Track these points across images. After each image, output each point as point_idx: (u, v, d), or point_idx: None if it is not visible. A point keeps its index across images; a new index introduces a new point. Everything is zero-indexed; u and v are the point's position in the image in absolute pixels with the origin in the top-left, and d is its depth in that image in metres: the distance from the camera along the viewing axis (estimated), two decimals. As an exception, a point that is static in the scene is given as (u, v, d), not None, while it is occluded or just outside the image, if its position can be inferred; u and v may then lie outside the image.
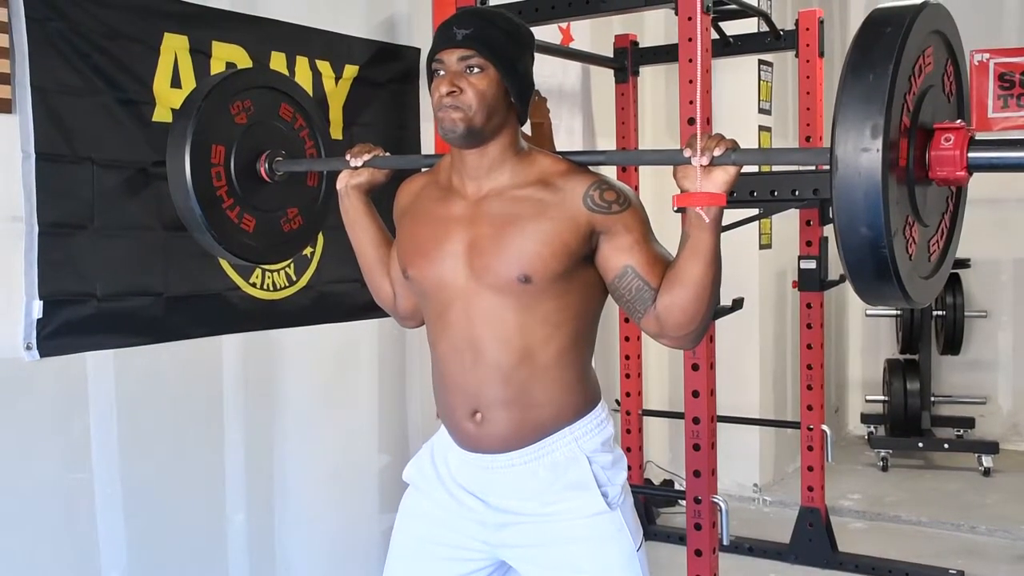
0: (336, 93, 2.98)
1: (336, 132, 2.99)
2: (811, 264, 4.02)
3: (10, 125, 2.14)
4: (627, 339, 4.31)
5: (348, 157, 1.93)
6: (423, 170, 1.90)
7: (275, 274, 2.78)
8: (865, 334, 6.30)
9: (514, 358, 1.69)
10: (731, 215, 3.05)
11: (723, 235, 2.95)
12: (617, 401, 4.40)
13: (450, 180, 1.76)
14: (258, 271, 2.72)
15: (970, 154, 1.29)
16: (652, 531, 4.19)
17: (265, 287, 2.75)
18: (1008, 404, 5.86)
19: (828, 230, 4.04)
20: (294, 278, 2.84)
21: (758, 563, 4.00)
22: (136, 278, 2.38)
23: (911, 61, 1.26)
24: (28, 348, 2.16)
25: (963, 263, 5.57)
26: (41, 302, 2.16)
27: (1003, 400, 5.87)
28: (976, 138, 1.30)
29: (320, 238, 2.93)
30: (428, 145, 3.27)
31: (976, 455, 5.28)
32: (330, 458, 3.05)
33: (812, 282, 4.02)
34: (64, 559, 2.30)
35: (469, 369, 1.72)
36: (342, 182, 1.95)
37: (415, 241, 1.79)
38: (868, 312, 6.02)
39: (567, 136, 4.26)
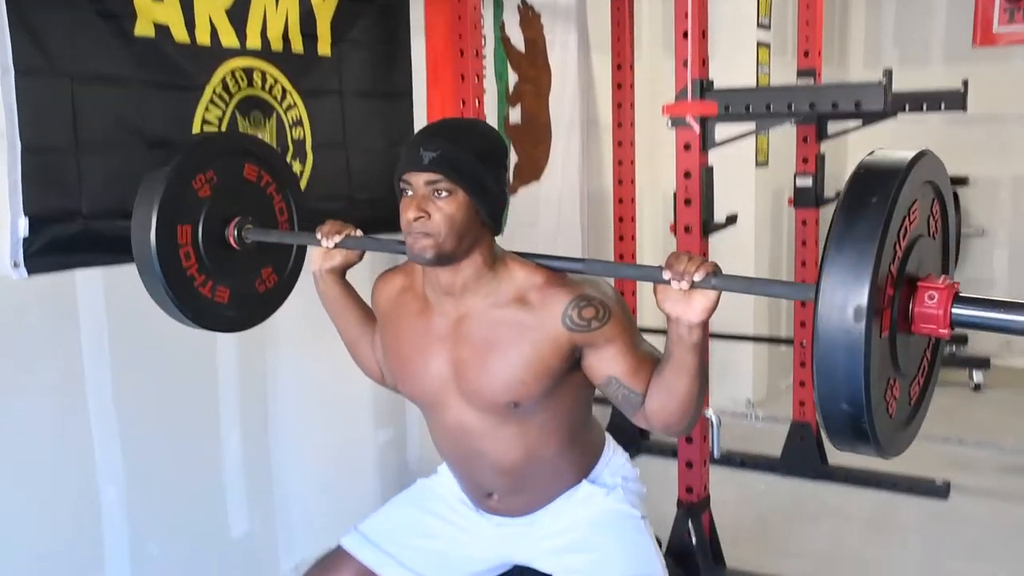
0: (324, 7, 2.92)
1: (324, 48, 2.94)
2: (807, 181, 4.00)
3: (-13, 39, 2.10)
4: (621, 257, 4.31)
5: (319, 236, 1.89)
6: (399, 262, 1.86)
7: (264, 192, 2.75)
8: (861, 252, 6.29)
9: (515, 461, 1.77)
10: (727, 131, 3.04)
11: (720, 153, 2.96)
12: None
13: (426, 293, 1.75)
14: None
15: (954, 311, 1.25)
16: (645, 446, 4.26)
17: (254, 205, 2.73)
18: (1002, 321, 5.88)
19: (825, 147, 4.01)
20: (284, 196, 2.82)
21: (749, 476, 4.07)
22: (121, 196, 2.34)
23: (898, 226, 1.22)
24: (15, 266, 2.15)
25: (961, 180, 5.53)
26: (27, 219, 2.14)
27: (997, 317, 5.89)
28: (960, 295, 1.26)
29: (309, 156, 2.91)
30: (419, 61, 3.21)
31: (967, 370, 5.33)
32: (323, 375, 3.07)
33: (808, 199, 4.01)
34: (62, 476, 2.33)
35: (474, 467, 1.84)
36: (315, 265, 1.94)
37: (400, 360, 1.82)
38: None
39: (561, 51, 4.20)
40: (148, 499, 2.52)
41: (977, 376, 5.29)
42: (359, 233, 1.89)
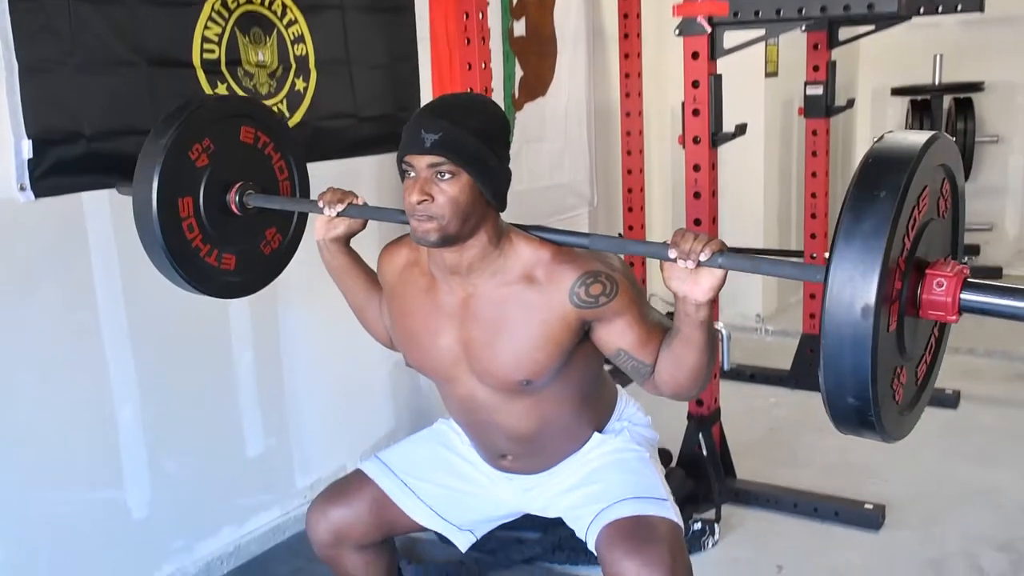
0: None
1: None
2: (818, 90, 3.94)
3: (-22, -42, 2.06)
4: (629, 172, 4.27)
5: (321, 204, 1.86)
6: (404, 235, 1.83)
7: (268, 110, 2.72)
8: (872, 163, 6.21)
9: (529, 430, 1.80)
10: (735, 39, 2.97)
11: (729, 62, 2.89)
12: (620, 235, 4.40)
13: (431, 270, 1.73)
14: (250, 107, 2.66)
15: (963, 297, 1.22)
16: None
17: (258, 124, 2.69)
18: (1015, 230, 5.84)
19: (836, 54, 3.93)
20: (287, 114, 2.79)
21: (759, 388, 4.10)
22: (123, 116, 2.33)
23: (907, 218, 1.19)
24: (22, 189, 2.14)
25: (976, 86, 5.43)
26: (30, 141, 2.12)
27: (1010, 226, 5.85)
28: (969, 280, 1.23)
29: (312, 73, 2.86)
30: (422, 18, 3.12)
31: (980, 281, 5.30)
32: (334, 294, 3.07)
33: (818, 108, 3.95)
34: (78, 397, 2.35)
35: (488, 434, 1.86)
36: (319, 235, 1.92)
37: (409, 335, 1.81)
38: (875, 139, 5.93)
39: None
40: (164, 418, 2.55)
41: (988, 286, 5.26)
42: (361, 201, 1.88)
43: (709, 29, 2.81)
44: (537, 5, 3.95)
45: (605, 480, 1.83)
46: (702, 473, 3.00)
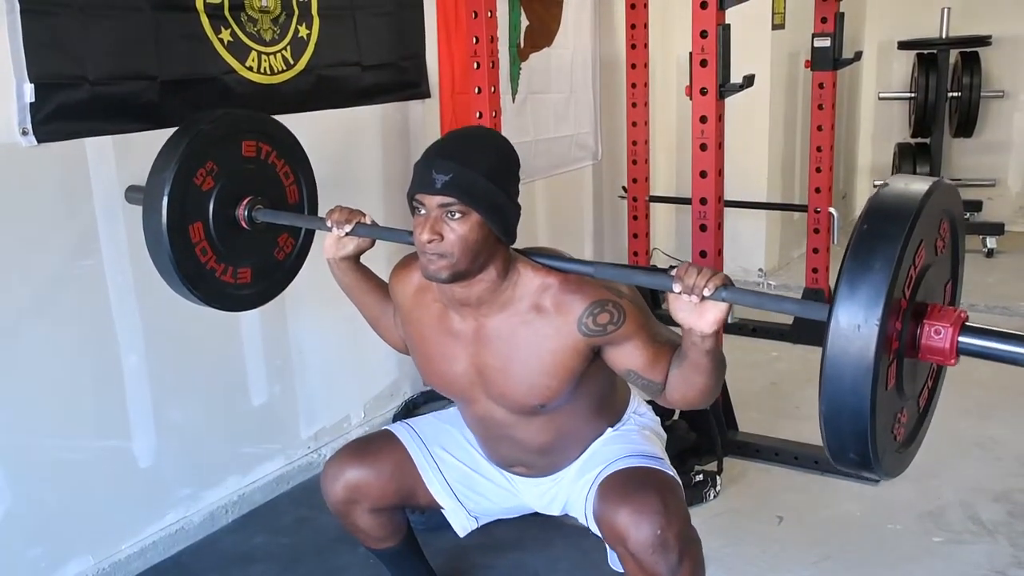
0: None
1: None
2: (825, 42, 3.90)
3: None
4: (634, 124, 4.24)
5: (330, 223, 1.87)
6: (414, 255, 1.80)
7: (271, 57, 2.69)
8: (877, 117, 6.19)
9: (544, 443, 1.84)
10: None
11: (736, 15, 2.86)
12: (624, 188, 4.38)
13: (442, 301, 1.75)
14: (254, 54, 2.63)
15: (961, 340, 1.23)
16: (657, 315, 4.26)
17: (262, 70, 2.66)
18: (1018, 185, 5.83)
19: (844, 6, 3.88)
20: (291, 61, 2.76)
21: (761, 343, 4.11)
22: (127, 60, 2.30)
23: (911, 258, 1.19)
24: (24, 134, 2.11)
25: (983, 40, 5.38)
26: (32, 85, 2.09)
27: (1013, 182, 5.84)
28: (967, 325, 1.23)
29: (315, 19, 2.82)
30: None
31: (981, 237, 5.30)
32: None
33: (825, 61, 3.91)
34: (84, 345, 2.35)
35: (503, 448, 1.90)
36: (329, 253, 1.92)
37: (424, 357, 1.83)
38: (881, 95, 5.90)
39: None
40: (169, 367, 2.55)
41: (991, 242, 5.27)
42: (369, 219, 1.88)
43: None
44: (543, -47, 3.89)
45: (601, 452, 1.87)
46: (704, 425, 3.01)
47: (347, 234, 1.87)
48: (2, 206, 2.13)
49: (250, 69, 2.63)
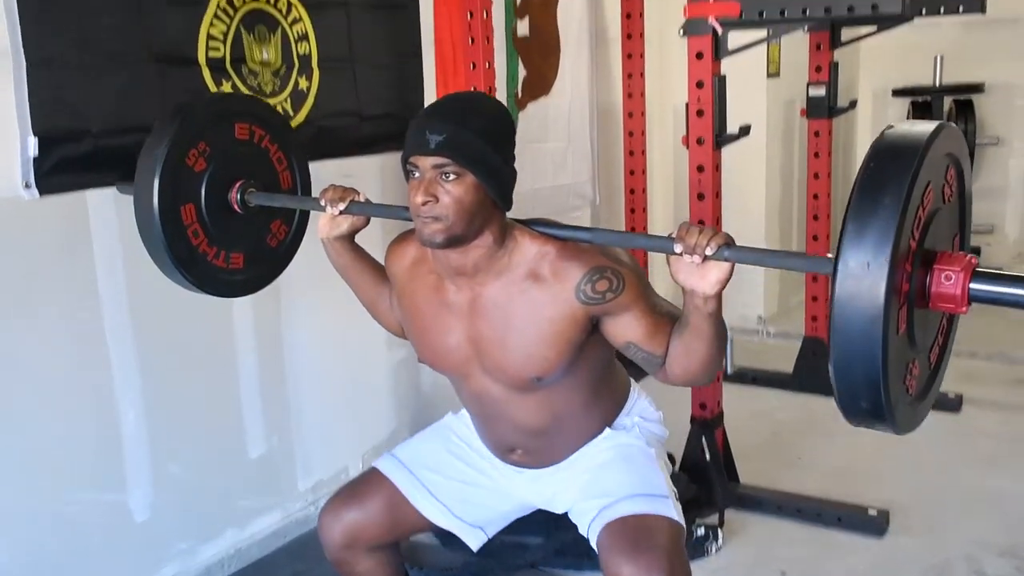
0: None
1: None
2: (820, 91, 3.93)
3: (-14, -47, 2.04)
4: (632, 172, 4.26)
5: (323, 202, 1.85)
6: (411, 231, 1.79)
7: (272, 109, 2.70)
8: (873, 164, 6.20)
9: (540, 424, 1.80)
10: (737, 39, 2.96)
11: (731, 64, 2.88)
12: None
13: (437, 271, 1.73)
14: (255, 106, 2.64)
15: (971, 287, 1.21)
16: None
17: (263, 123, 2.67)
18: (1015, 232, 5.84)
19: (838, 55, 3.92)
20: (291, 113, 2.77)
21: (761, 391, 4.09)
22: (131, 113, 2.31)
23: (913, 215, 1.17)
24: (27, 186, 2.12)
25: (976, 88, 5.43)
26: (36, 139, 2.10)
27: (1010, 228, 5.85)
28: (977, 271, 1.22)
29: (315, 72, 2.84)
30: (426, 16, 3.10)
31: (980, 284, 5.30)
32: (338, 289, 3.04)
33: (821, 109, 3.94)
34: (82, 398, 2.34)
35: (499, 429, 1.86)
36: (323, 233, 1.90)
37: (419, 332, 1.81)
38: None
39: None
40: (167, 419, 2.52)
41: (989, 288, 5.26)
42: (363, 197, 1.86)
43: (721, 30, 2.80)
44: (541, 5, 3.94)
45: (609, 476, 1.82)
46: (705, 478, 2.99)
47: (341, 213, 1.85)
48: (1, 259, 2.13)
49: (251, 121, 2.64)
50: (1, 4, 2.05)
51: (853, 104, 4.21)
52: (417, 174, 1.57)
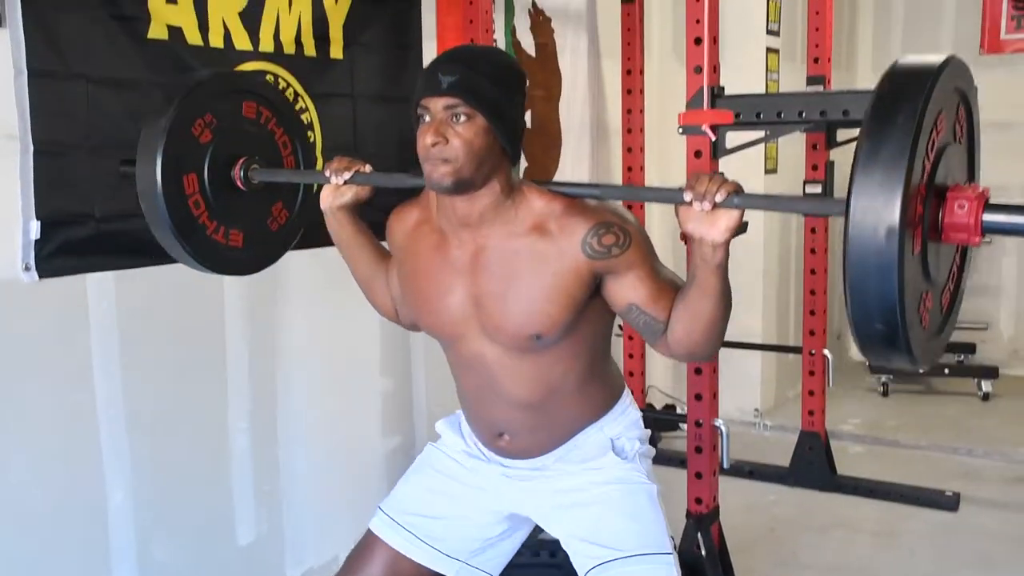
0: (336, 11, 2.91)
1: (336, 51, 2.93)
2: (817, 189, 3.98)
3: (1, 40, 2.09)
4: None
5: (328, 172, 1.86)
6: (413, 197, 1.83)
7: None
8: (869, 260, 6.27)
9: (535, 396, 1.75)
10: (736, 138, 3.02)
11: (729, 159, 2.94)
12: (619, 326, 4.40)
13: (441, 224, 1.72)
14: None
15: (985, 218, 1.23)
16: (654, 455, 4.22)
17: (265, 209, 2.71)
18: (1010, 330, 5.87)
19: (834, 154, 3.99)
20: (294, 200, 2.81)
21: (758, 486, 4.05)
22: (135, 198, 2.33)
23: (926, 139, 1.20)
24: (27, 269, 2.14)
25: (970, 188, 5.51)
26: (39, 222, 2.13)
27: (1005, 326, 5.88)
28: (990, 202, 1.25)
29: (320, 160, 2.89)
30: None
31: (976, 380, 5.31)
32: (334, 379, 3.06)
33: (817, 207, 3.98)
34: (70, 480, 2.31)
35: (490, 403, 1.80)
36: (325, 203, 1.89)
37: (419, 295, 1.79)
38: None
39: (572, 56, 4.18)
40: (155, 504, 2.50)
41: (986, 385, 5.27)
42: (369, 169, 1.86)
43: (714, 137, 2.86)
44: (543, 99, 4.02)
45: (612, 524, 1.76)
46: (701, 573, 2.94)
47: (345, 182, 1.83)
48: (-1, 340, 2.14)
49: (254, 205, 2.67)
50: (12, 90, 2.10)
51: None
52: (427, 118, 1.57)
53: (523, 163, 3.88)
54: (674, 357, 1.68)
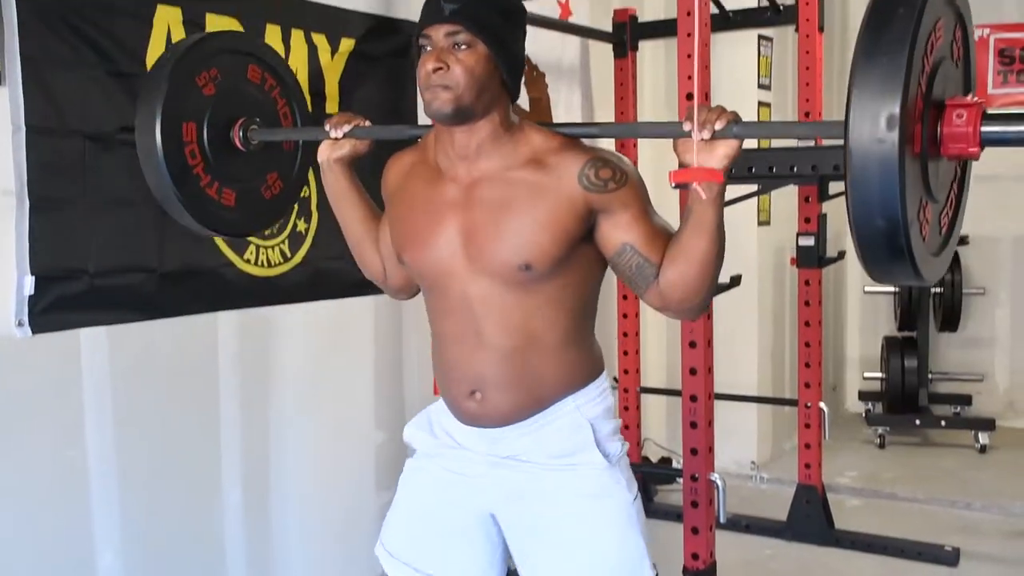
0: (332, 67, 2.95)
1: (332, 106, 2.96)
2: (810, 241, 4.00)
3: (0, 97, 2.11)
4: (625, 316, 4.30)
5: (328, 127, 1.86)
6: (410, 145, 1.84)
7: (270, 250, 2.75)
8: (863, 311, 6.29)
9: (516, 341, 1.68)
10: (730, 191, 3.03)
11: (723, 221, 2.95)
12: (615, 378, 4.39)
13: (438, 160, 1.71)
14: (252, 247, 2.69)
15: (983, 129, 1.26)
16: (650, 508, 4.19)
17: (260, 263, 2.72)
18: (1005, 381, 5.86)
19: (827, 207, 4.02)
20: (289, 254, 2.82)
21: (755, 540, 4.00)
22: (129, 254, 2.35)
23: (925, 38, 1.23)
24: (20, 325, 2.13)
25: (962, 240, 5.54)
26: (33, 278, 2.13)
27: (1000, 377, 5.87)
28: (988, 112, 1.27)
29: (314, 215, 2.90)
30: (425, 119, 3.22)
31: (973, 432, 5.29)
32: (326, 435, 3.04)
33: (810, 259, 4.00)
34: (59, 538, 2.29)
35: (469, 351, 1.72)
36: (323, 155, 1.88)
37: (408, 227, 1.75)
38: (867, 289, 6.01)
39: (565, 111, 4.22)
40: (143, 566, 2.46)
41: (983, 438, 5.24)
42: (368, 123, 1.86)
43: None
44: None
45: (590, 553, 1.71)
46: (698, 632, 2.90)
47: (344, 135, 1.83)
48: (-10, 395, 2.13)
49: (247, 262, 2.68)
50: (10, 146, 2.11)
51: (842, 255, 4.29)
52: (429, 47, 1.58)
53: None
54: (665, 306, 1.65)
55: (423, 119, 3.21)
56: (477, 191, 1.65)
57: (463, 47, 1.57)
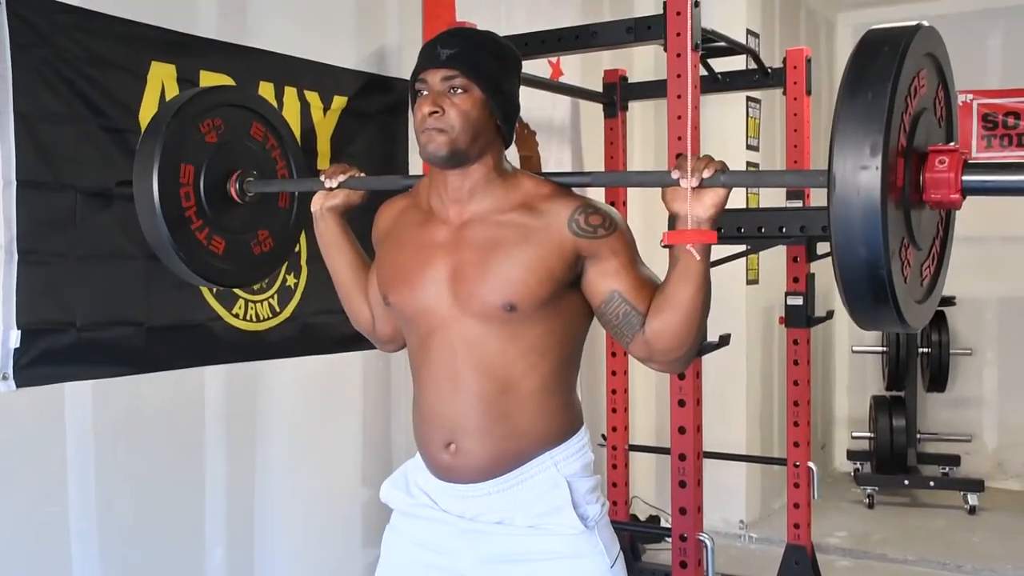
0: (324, 124, 2.97)
1: (324, 163, 2.97)
2: (798, 300, 4.02)
3: (-8, 152, 2.12)
4: (614, 373, 4.29)
5: (322, 178, 1.89)
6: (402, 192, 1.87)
7: (258, 305, 2.75)
8: (851, 371, 6.30)
9: (496, 387, 1.66)
10: (718, 251, 3.05)
11: (712, 270, 2.97)
12: (603, 436, 4.36)
13: (431, 203, 1.72)
14: (241, 302, 2.69)
15: (964, 177, 1.28)
16: (637, 568, 4.14)
17: (248, 318, 2.71)
18: (993, 442, 5.86)
19: (815, 267, 4.04)
20: (278, 309, 2.81)
21: (745, 600, 3.96)
22: (117, 308, 2.34)
23: (907, 81, 1.27)
24: (4, 378, 2.12)
25: (948, 301, 5.58)
26: (19, 331, 2.12)
27: (988, 437, 5.87)
28: (970, 161, 1.30)
29: (304, 269, 2.90)
30: (416, 172, 3.24)
31: (962, 493, 5.28)
32: (312, 492, 3.00)
33: (799, 318, 4.01)
34: (36, 594, 2.24)
35: (447, 398, 1.69)
36: (316, 204, 1.91)
37: (396, 267, 1.75)
38: (855, 349, 6.03)
39: (556, 168, 4.26)
40: (125, 623, 2.42)
41: (972, 499, 5.23)
42: (362, 175, 1.89)
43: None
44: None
45: None
46: None
47: (339, 185, 1.86)
48: (-29, 450, 2.10)
49: (236, 316, 2.68)
50: (0, 199, 2.11)
51: (830, 314, 4.30)
52: (425, 92, 1.61)
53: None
54: (651, 357, 1.64)
55: (416, 170, 3.25)
56: (467, 232, 1.67)
57: (459, 91, 1.60)
